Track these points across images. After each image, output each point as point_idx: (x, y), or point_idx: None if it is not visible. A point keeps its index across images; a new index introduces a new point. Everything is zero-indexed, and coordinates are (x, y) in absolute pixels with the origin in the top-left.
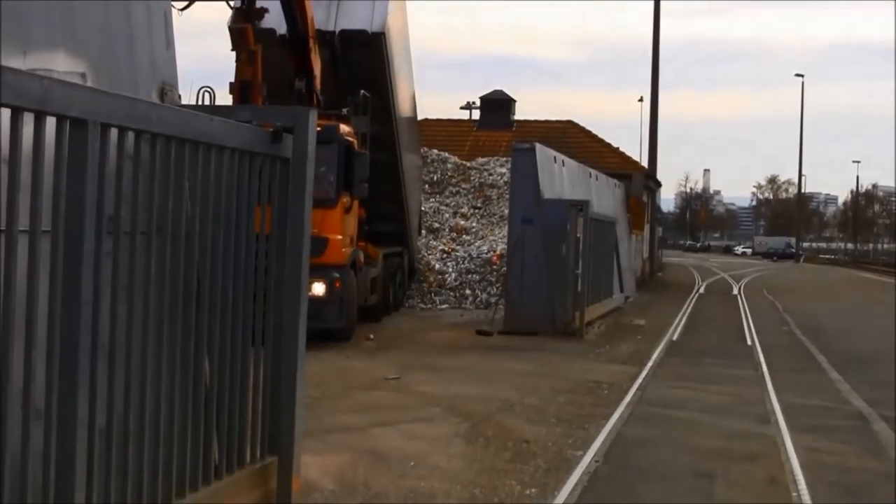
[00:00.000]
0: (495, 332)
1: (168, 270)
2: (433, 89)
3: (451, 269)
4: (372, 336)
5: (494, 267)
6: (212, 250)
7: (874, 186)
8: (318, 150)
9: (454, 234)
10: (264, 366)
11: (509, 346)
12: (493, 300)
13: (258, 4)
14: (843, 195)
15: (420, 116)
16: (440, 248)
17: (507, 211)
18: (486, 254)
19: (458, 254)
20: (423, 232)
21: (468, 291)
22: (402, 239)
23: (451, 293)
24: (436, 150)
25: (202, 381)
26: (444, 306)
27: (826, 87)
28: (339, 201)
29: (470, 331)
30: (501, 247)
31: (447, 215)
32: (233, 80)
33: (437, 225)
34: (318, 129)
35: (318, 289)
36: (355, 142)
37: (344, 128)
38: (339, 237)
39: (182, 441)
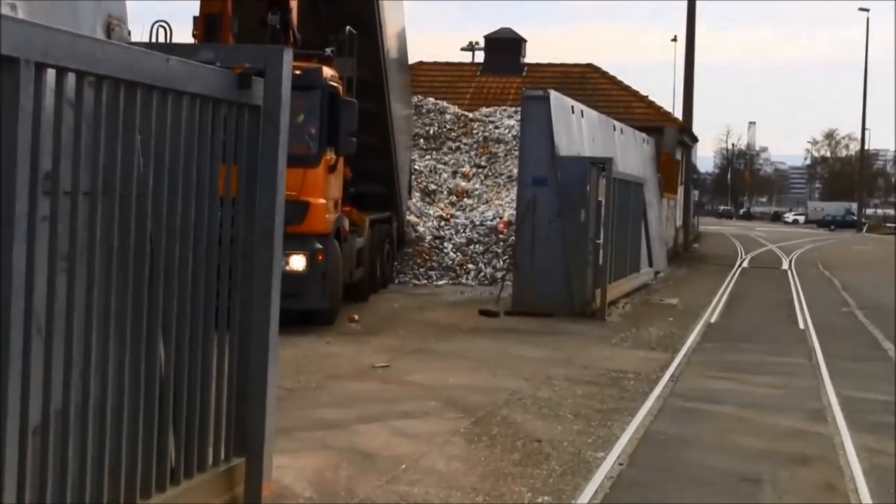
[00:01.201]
0: (501, 312)
1: (116, 238)
2: (429, 27)
3: (449, 239)
4: (357, 317)
5: (501, 236)
6: (168, 215)
7: None
8: (295, 97)
9: (453, 198)
10: (230, 352)
11: (518, 329)
12: (498, 275)
13: None
14: None
15: (413, 59)
16: (437, 214)
17: (515, 170)
18: (492, 221)
19: (457, 221)
20: (417, 195)
21: (470, 265)
22: (390, 202)
23: (449, 267)
24: (432, 99)
25: (156, 368)
26: (441, 282)
27: None
28: (322, 158)
29: (472, 311)
30: (509, 212)
31: (445, 175)
32: (197, 13)
33: (433, 187)
34: (297, 71)
35: (297, 262)
36: (340, 87)
37: (327, 71)
38: (322, 201)
39: (132, 439)
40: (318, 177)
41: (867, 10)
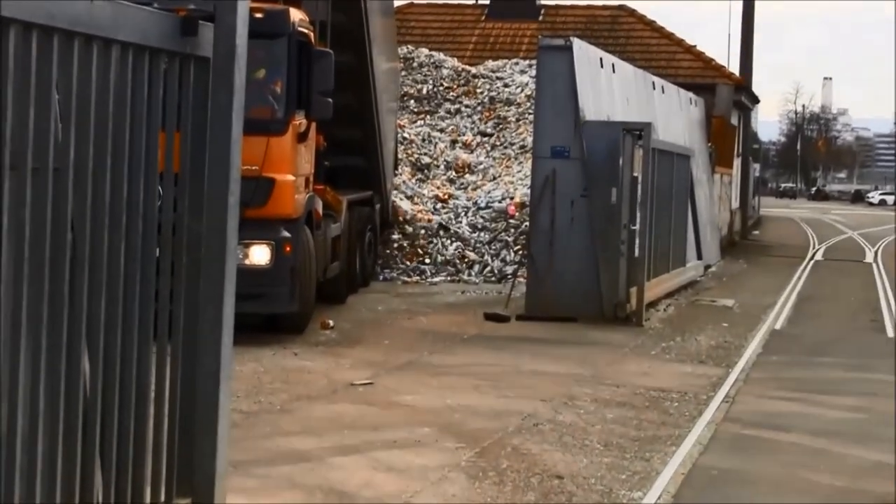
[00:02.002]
0: (512, 316)
1: (28, 224)
2: None
3: (447, 226)
4: (332, 323)
5: (512, 221)
6: (93, 195)
7: None
8: (255, 47)
9: (452, 174)
10: (172, 366)
11: (533, 338)
12: (509, 270)
13: None
14: None
15: (400, 0)
16: (431, 193)
17: (529, 139)
18: (500, 202)
19: (457, 202)
20: (406, 170)
21: (473, 257)
22: (371, 179)
23: (447, 261)
24: (425, 50)
25: (79, 387)
26: (437, 279)
27: None
28: (289, 124)
29: (476, 315)
30: (522, 192)
31: (442, 146)
32: None
33: (426, 160)
34: (256, 14)
35: (260, 255)
36: (311, 35)
37: (295, 14)
38: (289, 177)
39: (49, 476)
40: (285, 147)
41: None
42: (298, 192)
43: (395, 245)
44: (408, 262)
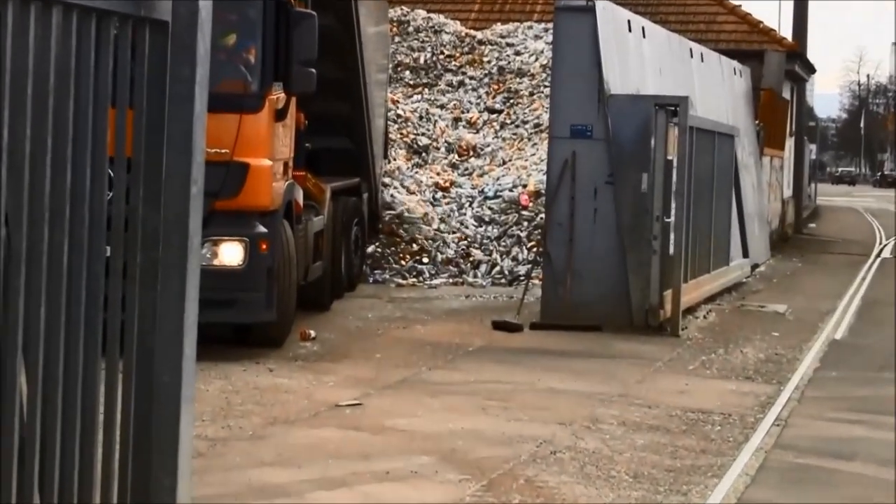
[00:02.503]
0: (526, 325)
1: None
2: None
3: (448, 219)
4: (313, 334)
5: (525, 213)
6: (30, 182)
7: None
8: (223, 9)
9: (454, 158)
10: (124, 386)
11: (550, 350)
12: (522, 271)
13: None
14: None
15: None
16: (430, 181)
17: (545, 116)
18: (511, 191)
19: (461, 191)
20: (401, 152)
21: (479, 255)
22: (359, 164)
23: (449, 260)
24: (422, 12)
25: (14, 409)
26: (437, 281)
27: None
28: (266, 99)
29: (483, 323)
30: (537, 178)
31: (442, 125)
32: None
33: (424, 141)
34: None
35: (231, 254)
36: None
37: None
38: (266, 163)
39: None
40: (260, 127)
41: None
42: (276, 180)
43: (387, 241)
44: (402, 262)
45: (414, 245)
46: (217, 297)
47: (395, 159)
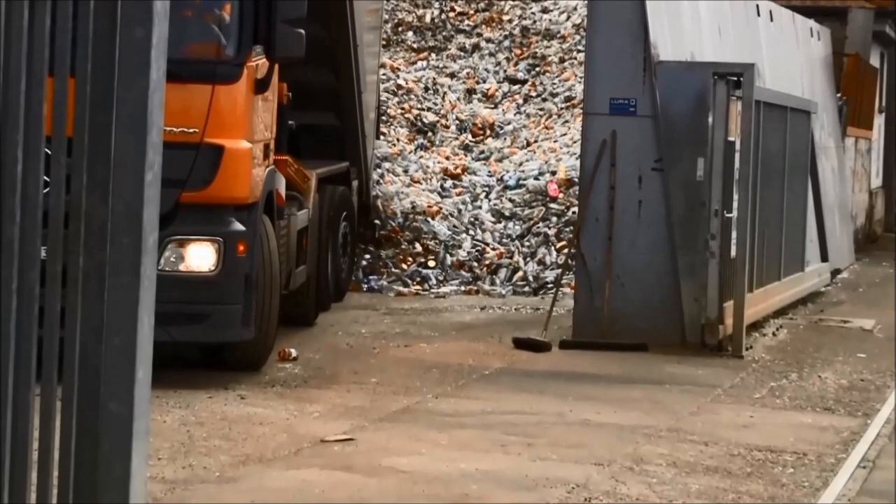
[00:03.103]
0: (555, 343)
1: None
2: None
3: (460, 214)
4: (294, 353)
5: (554, 207)
6: None
7: None
8: None
9: (468, 139)
10: (63, 418)
11: (584, 374)
12: (549, 278)
13: None
14: None
15: None
16: (438, 166)
17: (578, 88)
18: (537, 179)
19: (475, 179)
20: (402, 131)
21: (497, 258)
22: (347, 145)
23: (461, 264)
24: None
25: None
26: (445, 289)
27: None
28: (244, 68)
29: (502, 340)
30: (568, 164)
31: (453, 97)
32: None
33: (430, 117)
34: None
35: (201, 258)
36: None
37: None
38: (245, 145)
39: None
40: (237, 101)
41: None
42: (256, 166)
43: (384, 241)
44: (403, 266)
45: (417, 245)
46: (183, 310)
47: (392, 139)
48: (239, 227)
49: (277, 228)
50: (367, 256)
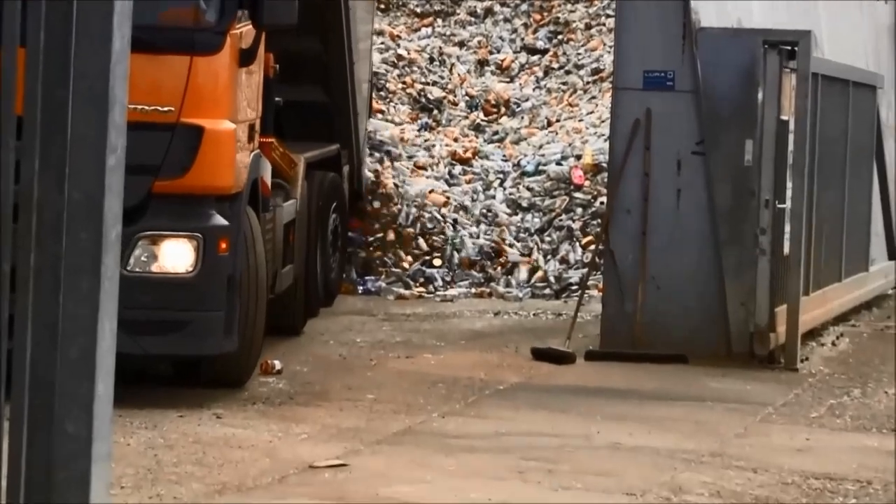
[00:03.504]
0: (580, 353)
1: None
2: None
3: (470, 204)
4: (278, 366)
5: (579, 196)
6: None
7: None
8: None
9: (479, 118)
10: (12, 438)
11: (614, 390)
12: (574, 279)
13: None
14: None
15: None
16: (445, 149)
17: (607, 59)
18: (559, 164)
19: (488, 164)
20: (402, 108)
21: (514, 255)
22: (336, 124)
23: (471, 262)
24: None
25: None
26: (453, 291)
27: None
28: (227, 37)
29: (519, 351)
30: (596, 147)
31: (462, 70)
32: None
33: (436, 93)
34: None
35: (177, 257)
36: None
37: None
38: (228, 126)
39: None
40: (220, 75)
41: None
42: (240, 150)
43: (382, 236)
44: (404, 265)
45: (421, 241)
46: (155, 317)
47: (392, 117)
48: (221, 220)
49: (263, 222)
50: (362, 254)
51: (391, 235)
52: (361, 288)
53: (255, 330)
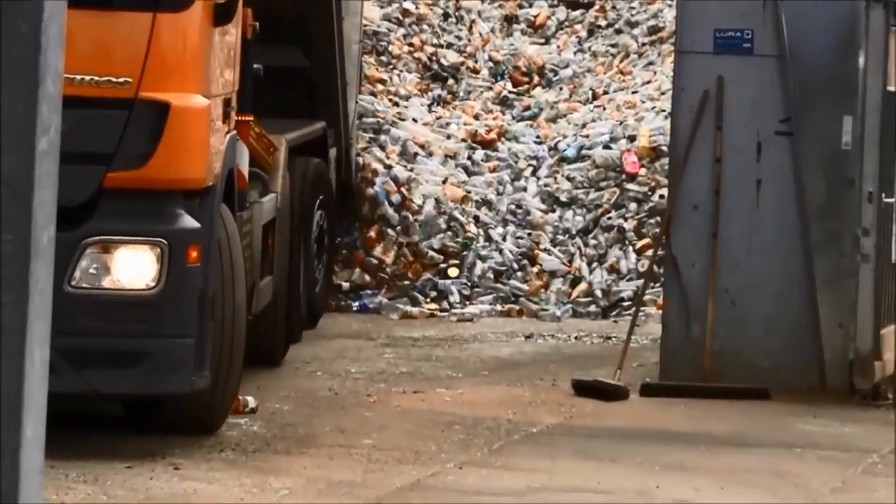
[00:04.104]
0: (634, 388)
1: None
2: None
3: (496, 199)
4: (252, 403)
5: (632, 188)
6: None
7: None
8: None
9: (506, 87)
10: None
11: (677, 434)
12: (625, 293)
13: None
14: None
15: None
16: (462, 129)
17: (669, 15)
18: (607, 147)
19: (517, 147)
20: (408, 77)
21: (551, 263)
22: (319, 98)
23: (497, 271)
24: None
25: None
26: (473, 309)
27: None
28: None
29: (557, 384)
30: (654, 126)
31: (484, 29)
32: None
33: (451, 58)
34: None
35: (135, 270)
36: None
37: None
38: (201, 102)
39: None
40: (189, 37)
41: None
42: (215, 132)
43: (381, 239)
44: (411, 276)
45: (433, 247)
46: (107, 346)
47: (398, 92)
48: (190, 222)
49: (240, 223)
50: (355, 263)
51: (392, 238)
52: (356, 304)
53: (233, 362)
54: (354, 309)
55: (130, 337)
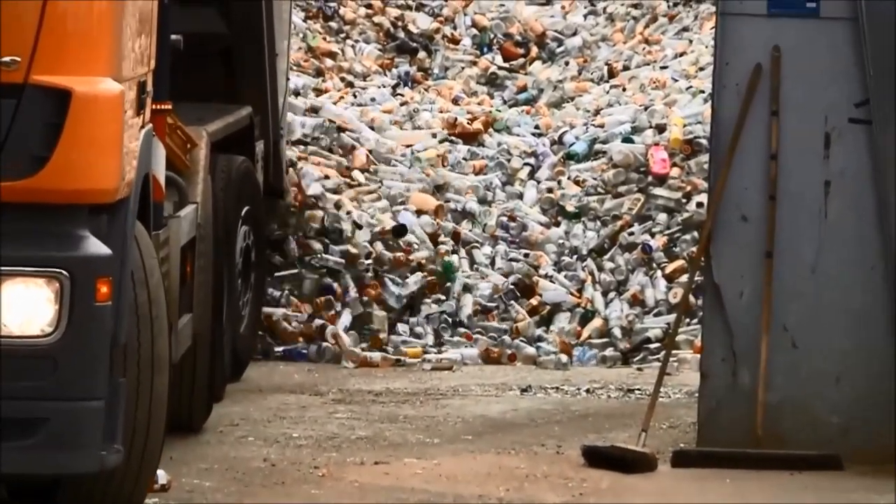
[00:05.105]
0: (664, 457)
1: None
2: None
3: (483, 211)
4: (165, 478)
5: (660, 194)
6: None
7: None
8: None
9: (496, 66)
10: None
11: None
12: (651, 334)
13: None
14: None
15: None
16: (437, 116)
17: None
18: (628, 139)
19: (511, 141)
20: (358, 54)
21: (555, 293)
22: (242, 76)
23: (482, 309)
24: None
25: None
26: (452, 353)
27: None
28: None
29: (561, 452)
30: (689, 113)
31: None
32: None
33: (422, 23)
34: None
35: (28, 310)
36: None
37: None
38: (112, 88)
39: None
40: (94, 4)
41: None
42: (128, 126)
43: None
44: (372, 312)
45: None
46: None
47: (352, 69)
48: (99, 248)
49: (156, 245)
50: (293, 293)
51: (338, 258)
52: (298, 350)
53: (151, 430)
54: (296, 355)
55: (21, 399)
